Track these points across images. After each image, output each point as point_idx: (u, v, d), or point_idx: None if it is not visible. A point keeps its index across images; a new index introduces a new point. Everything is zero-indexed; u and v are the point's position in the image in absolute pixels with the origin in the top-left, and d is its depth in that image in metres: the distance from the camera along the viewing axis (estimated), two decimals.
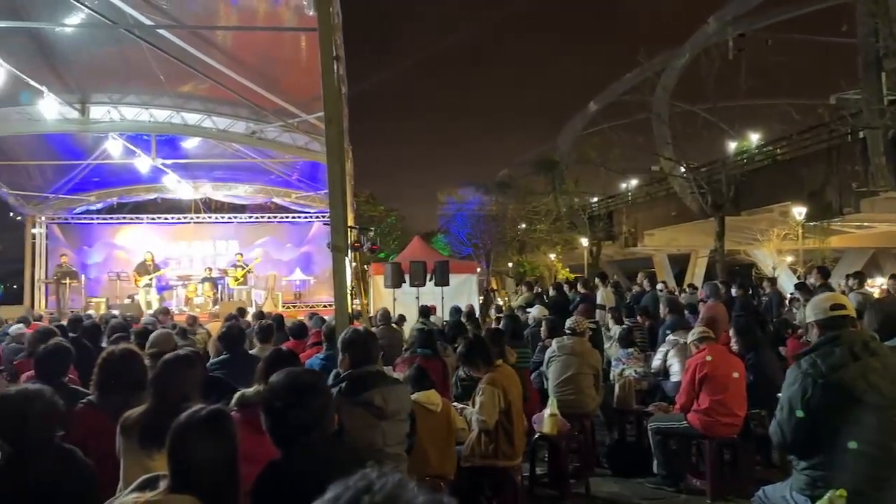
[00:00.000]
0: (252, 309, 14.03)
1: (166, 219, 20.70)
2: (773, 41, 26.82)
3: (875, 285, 18.23)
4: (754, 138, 29.11)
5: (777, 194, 23.61)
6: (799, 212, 21.93)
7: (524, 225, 35.58)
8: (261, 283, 18.67)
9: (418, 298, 12.54)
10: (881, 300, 6.78)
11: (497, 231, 35.44)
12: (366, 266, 17.39)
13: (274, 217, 21.73)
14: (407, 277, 13.40)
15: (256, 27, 10.48)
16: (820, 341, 3.23)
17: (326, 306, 16.85)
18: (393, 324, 9.39)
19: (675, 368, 6.88)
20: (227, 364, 5.16)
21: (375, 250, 15.59)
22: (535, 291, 13.71)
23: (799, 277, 20.38)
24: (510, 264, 37.69)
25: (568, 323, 6.81)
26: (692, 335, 6.23)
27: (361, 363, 3.65)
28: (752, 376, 5.96)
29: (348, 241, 6.90)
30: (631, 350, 7.56)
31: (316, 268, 20.16)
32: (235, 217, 21.61)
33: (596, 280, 12.93)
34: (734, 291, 10.91)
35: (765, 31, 28.14)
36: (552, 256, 36.21)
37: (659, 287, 12.63)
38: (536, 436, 5.79)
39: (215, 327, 8.80)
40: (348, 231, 7.05)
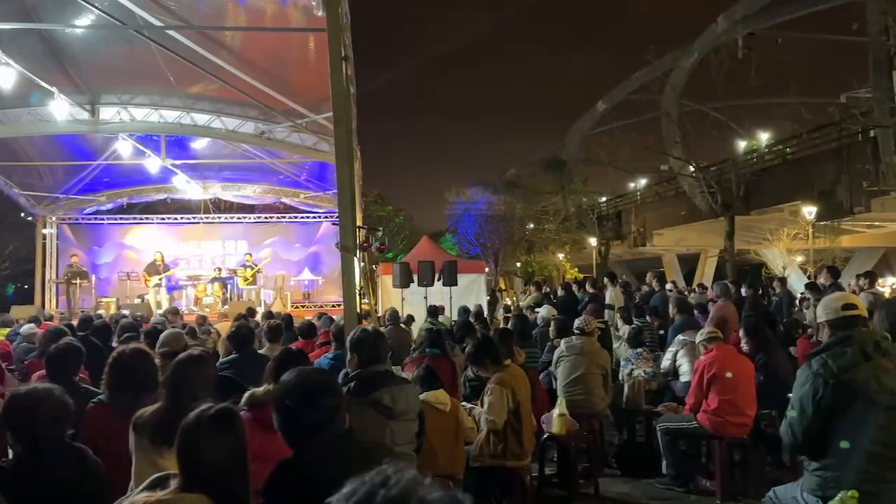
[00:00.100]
0: (261, 309, 14.11)
1: (176, 219, 20.80)
2: (783, 40, 26.81)
3: (886, 285, 18.11)
4: (764, 137, 28.96)
5: (787, 194, 23.45)
6: (809, 211, 21.76)
7: (532, 225, 35.48)
8: (270, 283, 18.69)
9: (426, 298, 12.56)
10: (892, 300, 6.73)
11: (505, 231, 35.34)
12: (374, 266, 17.41)
13: (283, 217, 21.79)
14: (415, 277, 13.41)
15: (265, 28, 10.52)
16: (831, 341, 3.22)
17: (335, 306, 16.87)
18: (401, 324, 9.42)
19: (685, 368, 6.85)
20: (237, 363, 5.17)
21: (384, 250, 15.59)
22: (544, 291, 13.69)
23: (809, 277, 20.23)
24: (518, 264, 37.57)
25: (577, 323, 6.79)
26: (700, 335, 6.21)
27: (370, 363, 3.65)
28: (763, 376, 5.93)
29: (357, 241, 6.91)
30: (640, 350, 7.53)
31: (325, 268, 20.15)
32: (244, 217, 21.69)
33: (605, 280, 12.88)
34: (744, 291, 10.87)
35: (774, 30, 28.11)
36: (561, 256, 36.09)
37: (668, 287, 12.63)
38: (545, 436, 5.79)
39: (225, 327, 8.82)
40: (357, 231, 7.06)
